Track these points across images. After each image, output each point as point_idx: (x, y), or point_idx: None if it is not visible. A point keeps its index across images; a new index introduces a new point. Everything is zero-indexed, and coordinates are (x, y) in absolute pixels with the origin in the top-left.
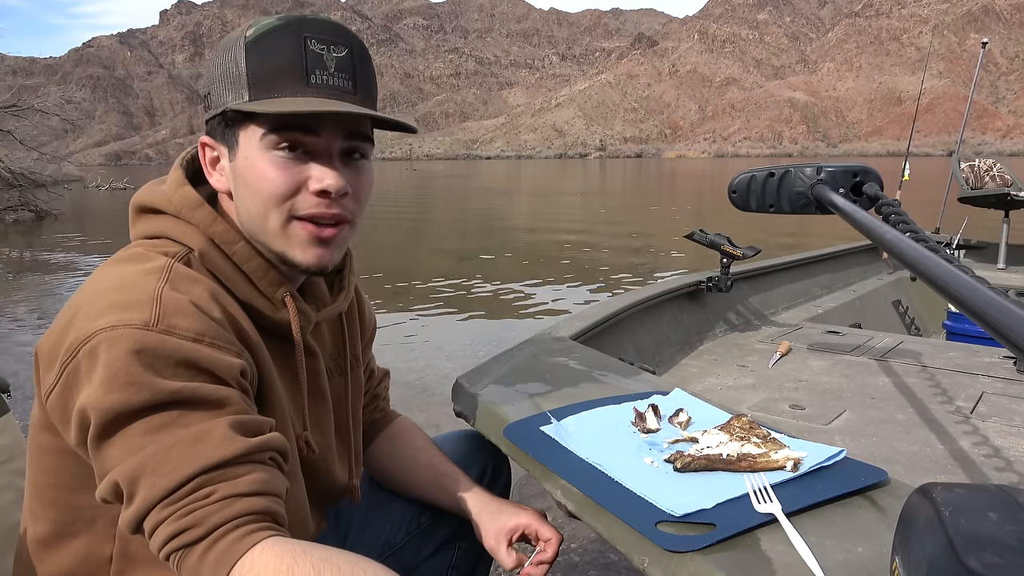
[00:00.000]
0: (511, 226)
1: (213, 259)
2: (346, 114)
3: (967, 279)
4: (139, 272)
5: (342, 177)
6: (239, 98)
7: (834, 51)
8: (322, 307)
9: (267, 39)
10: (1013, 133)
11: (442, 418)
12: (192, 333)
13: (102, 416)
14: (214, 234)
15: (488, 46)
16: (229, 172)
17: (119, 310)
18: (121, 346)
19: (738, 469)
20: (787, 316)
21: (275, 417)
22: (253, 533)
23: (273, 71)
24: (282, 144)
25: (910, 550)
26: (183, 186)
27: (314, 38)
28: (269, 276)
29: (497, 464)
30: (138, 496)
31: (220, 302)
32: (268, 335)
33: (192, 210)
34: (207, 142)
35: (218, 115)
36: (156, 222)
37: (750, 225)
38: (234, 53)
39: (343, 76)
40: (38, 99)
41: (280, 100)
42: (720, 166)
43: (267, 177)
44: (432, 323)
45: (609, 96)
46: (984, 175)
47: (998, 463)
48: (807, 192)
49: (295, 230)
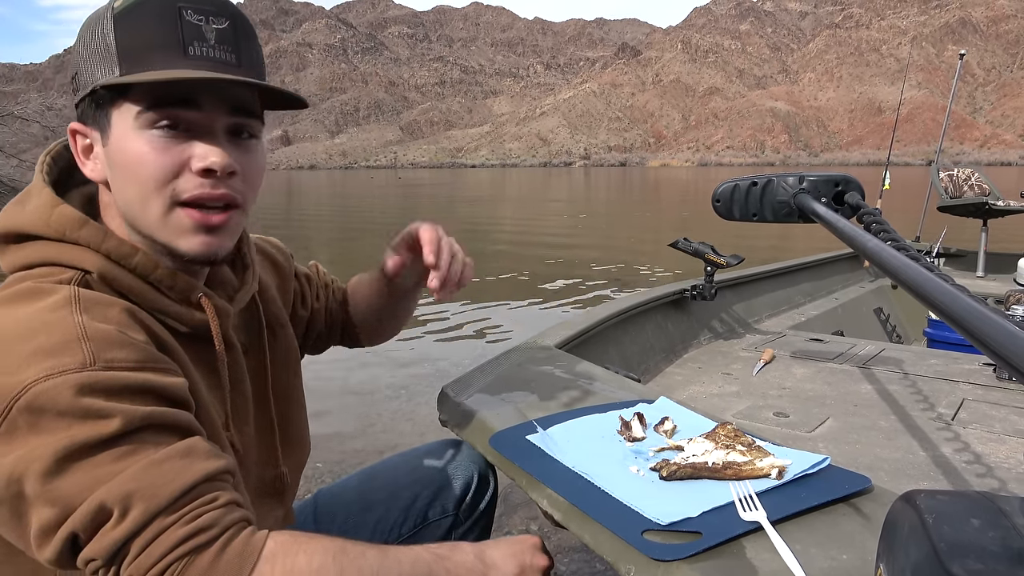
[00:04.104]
0: (495, 234)
1: (115, 276)
2: (230, 86)
3: (947, 287)
4: (44, 309)
5: (229, 155)
6: (109, 74)
7: (815, 61)
8: (233, 294)
9: (137, 10)
10: (990, 143)
11: (427, 427)
12: (132, 362)
13: (60, 451)
14: (109, 251)
15: (473, 55)
16: (103, 158)
17: (45, 357)
18: (66, 390)
19: (723, 477)
20: (771, 324)
21: (207, 423)
22: (257, 532)
23: (145, 43)
24: (160, 122)
25: (894, 557)
26: (57, 205)
27: (190, 8)
28: (179, 282)
29: (483, 473)
30: (135, 510)
31: (139, 321)
32: (184, 338)
33: (77, 230)
34: (77, 128)
35: (87, 95)
36: (34, 249)
37: (731, 234)
38: (102, 26)
39: (224, 48)
40: (18, 106)
41: (154, 72)
42: (703, 175)
43: (144, 159)
44: (417, 331)
45: (593, 105)
46: (963, 184)
47: (979, 469)
48: (790, 201)
49: (179, 218)
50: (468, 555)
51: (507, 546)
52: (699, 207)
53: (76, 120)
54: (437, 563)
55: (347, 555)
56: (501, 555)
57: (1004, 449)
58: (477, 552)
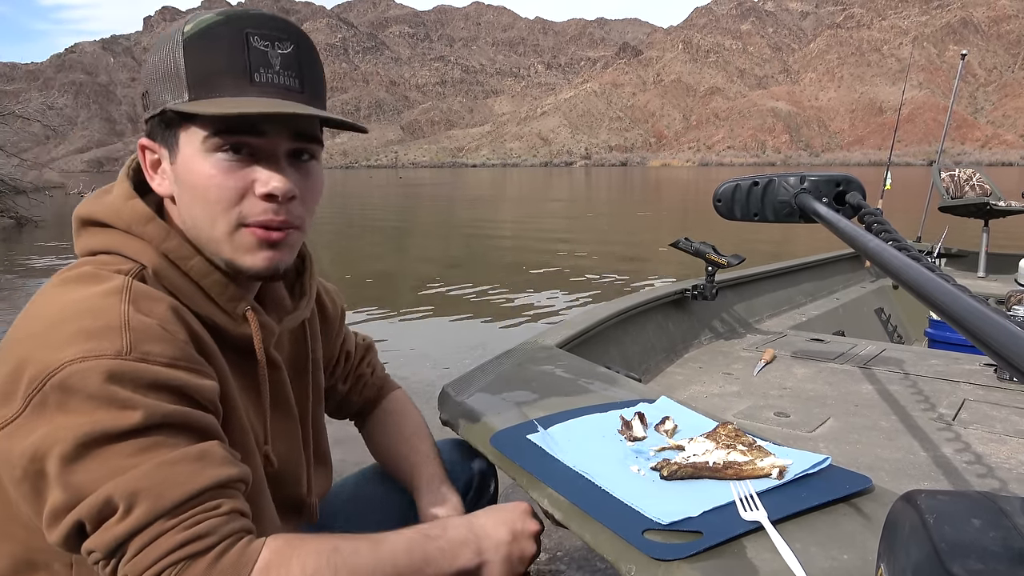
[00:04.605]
0: (497, 233)
1: (168, 276)
2: (293, 115)
3: (948, 287)
4: (97, 295)
5: (290, 180)
6: (178, 98)
7: (816, 61)
8: (284, 316)
9: (207, 35)
10: (991, 143)
11: (429, 426)
12: (166, 358)
13: (81, 437)
14: (168, 250)
15: (474, 54)
16: (171, 175)
17: (86, 339)
18: (97, 375)
19: (724, 477)
20: (771, 324)
21: (236, 433)
22: (254, 542)
23: (213, 69)
24: (225, 146)
25: (895, 557)
26: (132, 199)
27: (257, 34)
28: (228, 291)
29: (484, 473)
30: (139, 508)
31: (183, 320)
32: (228, 349)
33: (143, 225)
34: (146, 144)
35: (156, 115)
36: (104, 236)
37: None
38: (172, 50)
39: (289, 74)
40: (19, 105)
41: (222, 100)
42: (704, 175)
43: (211, 182)
44: (418, 330)
45: (594, 105)
46: (964, 185)
47: (980, 469)
48: (791, 201)
49: (243, 236)
50: (460, 529)
51: (497, 513)
52: (700, 207)
53: (145, 135)
54: (430, 544)
55: (340, 554)
56: (492, 523)
57: (1005, 449)
58: (468, 524)
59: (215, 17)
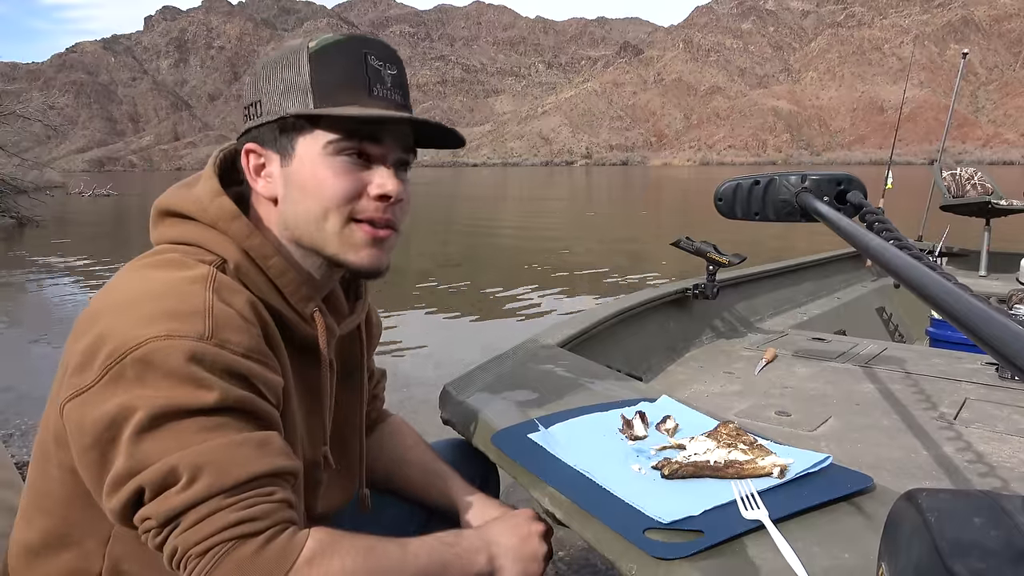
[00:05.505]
0: (498, 232)
1: (248, 272)
2: (405, 127)
3: (950, 286)
4: (183, 279)
5: (399, 184)
6: (302, 106)
7: (817, 61)
8: (342, 320)
9: (331, 52)
10: (993, 142)
11: (429, 426)
12: (243, 349)
13: (156, 409)
14: (250, 247)
15: (474, 54)
16: (279, 178)
17: (170, 319)
18: (178, 354)
19: (725, 476)
20: (773, 323)
21: (289, 431)
22: (300, 532)
23: (336, 81)
24: (349, 150)
25: (896, 556)
26: (220, 196)
27: (372, 54)
28: (301, 291)
29: (485, 472)
30: (200, 482)
31: (258, 314)
32: (292, 347)
33: (229, 221)
34: (253, 148)
35: (272, 122)
36: (186, 228)
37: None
38: (297, 63)
39: (397, 91)
40: (20, 105)
41: (353, 107)
42: (705, 174)
43: (330, 181)
44: (419, 329)
45: (595, 104)
46: (965, 184)
47: (981, 468)
48: (792, 200)
49: (353, 232)
50: (472, 538)
51: (504, 522)
52: (701, 206)
53: (248, 141)
54: (447, 550)
55: (375, 553)
56: (500, 530)
57: (1007, 448)
58: (479, 534)
59: (336, 37)
